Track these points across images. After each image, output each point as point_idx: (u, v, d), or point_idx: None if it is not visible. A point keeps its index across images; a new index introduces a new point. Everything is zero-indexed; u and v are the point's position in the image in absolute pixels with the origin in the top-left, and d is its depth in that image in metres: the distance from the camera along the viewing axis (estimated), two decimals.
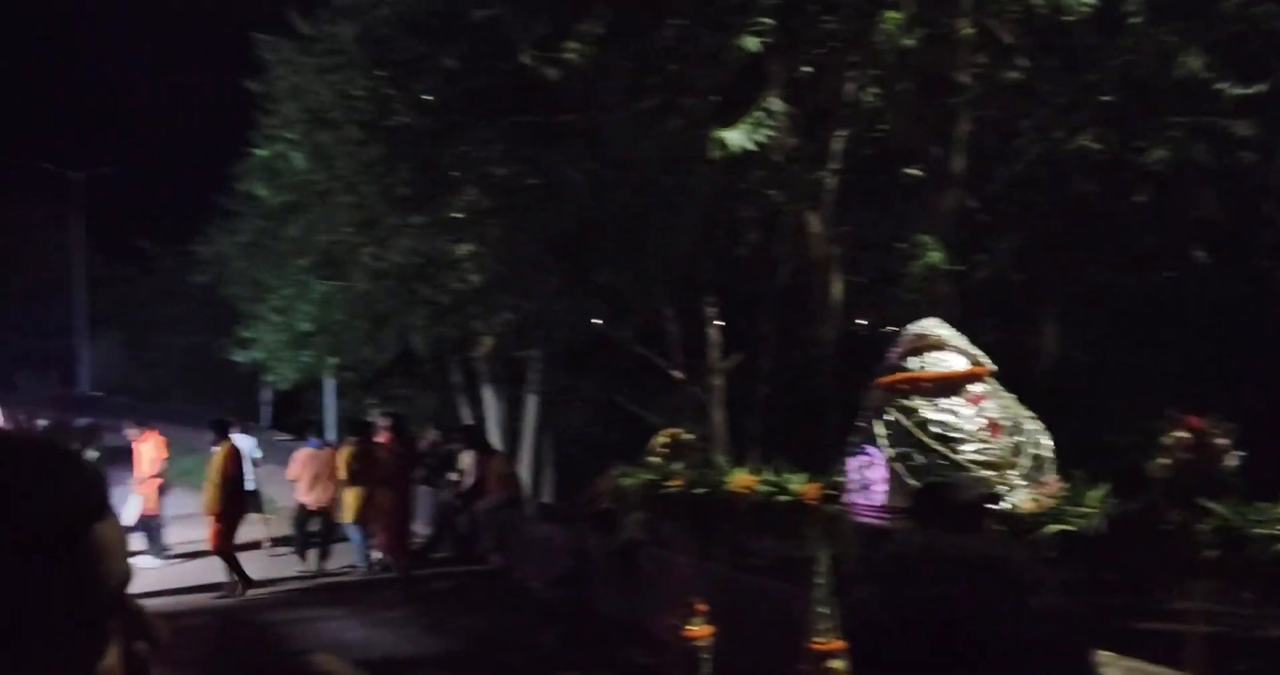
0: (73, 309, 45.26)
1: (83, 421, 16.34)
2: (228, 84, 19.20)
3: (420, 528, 15.23)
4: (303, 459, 13.42)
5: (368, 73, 15.71)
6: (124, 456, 14.58)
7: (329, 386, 26.14)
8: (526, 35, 11.63)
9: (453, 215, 14.92)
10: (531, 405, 18.71)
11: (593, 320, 15.52)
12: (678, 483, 6.66)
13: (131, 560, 0.93)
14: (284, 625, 10.51)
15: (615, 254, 12.19)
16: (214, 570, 13.14)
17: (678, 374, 14.43)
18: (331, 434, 26.32)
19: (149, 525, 13.57)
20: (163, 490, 13.97)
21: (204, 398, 38.78)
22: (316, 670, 2.72)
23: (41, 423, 14.50)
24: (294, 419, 36.31)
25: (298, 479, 13.41)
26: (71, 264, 44.80)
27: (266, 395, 37.25)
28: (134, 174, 46.25)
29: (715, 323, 13.75)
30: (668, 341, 14.74)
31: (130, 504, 13.25)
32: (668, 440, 6.93)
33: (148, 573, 12.58)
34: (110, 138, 47.78)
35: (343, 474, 12.67)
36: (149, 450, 13.79)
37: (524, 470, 18.57)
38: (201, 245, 22.53)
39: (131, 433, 13.76)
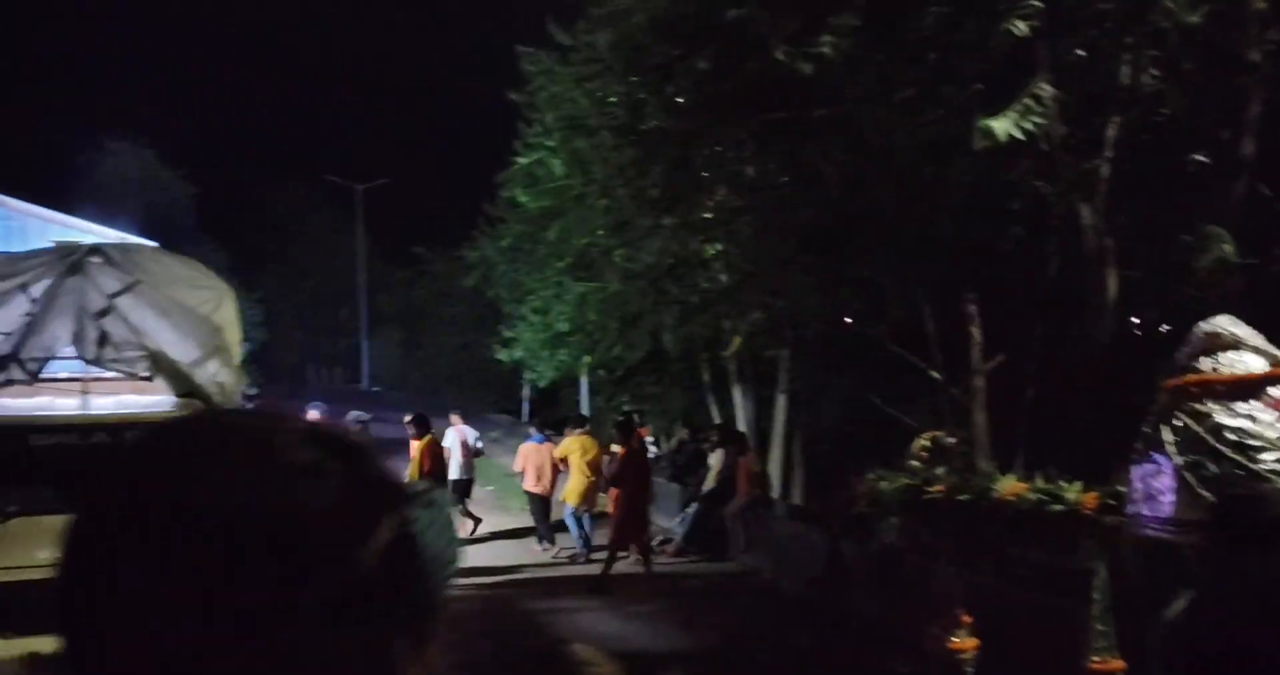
0: (356, 310, 48.74)
1: (357, 416, 17.42)
2: (495, 97, 20.11)
3: (666, 524, 15.47)
4: (524, 452, 14.09)
5: (622, 79, 16.10)
6: (401, 449, 15.51)
7: (583, 384, 27.00)
8: (778, 32, 11.55)
9: (703, 215, 15.06)
10: (781, 404, 18.56)
11: (845, 318, 15.23)
12: (939, 488, 6.42)
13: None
14: (538, 614, 10.87)
15: (871, 249, 11.88)
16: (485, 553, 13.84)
17: (936, 374, 13.93)
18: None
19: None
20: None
21: (471, 393, 40.79)
22: (576, 659, 2.68)
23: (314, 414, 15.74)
24: (551, 415, 37.87)
25: (522, 470, 14.34)
26: (355, 269, 48.27)
27: (526, 392, 38.88)
28: (410, 184, 49.18)
29: (976, 320, 13.17)
30: (926, 340, 14.28)
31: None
32: (929, 443, 6.69)
33: None
34: (389, 151, 51.00)
35: (573, 464, 13.64)
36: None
37: (773, 470, 18.46)
38: (469, 250, 23.70)
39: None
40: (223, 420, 0.87)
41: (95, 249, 8.55)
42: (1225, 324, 4.72)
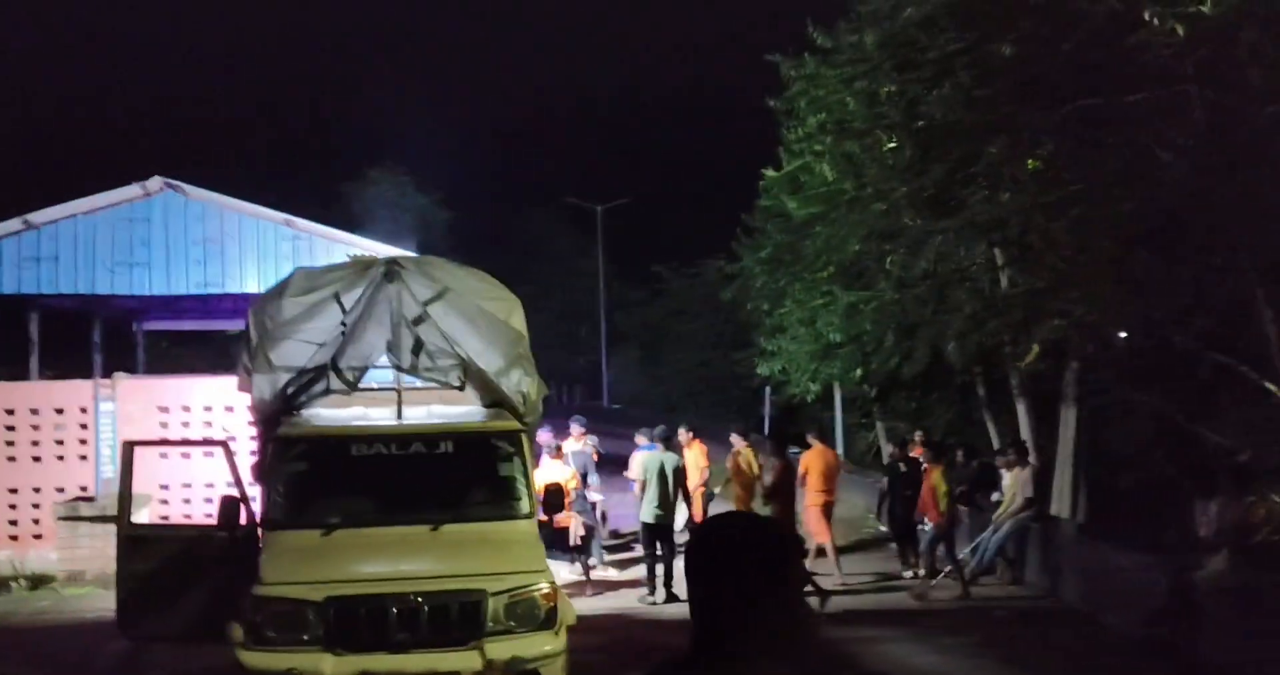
0: (596, 329, 49.51)
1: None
2: (734, 113, 19.71)
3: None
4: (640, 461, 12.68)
5: (893, 76, 15.28)
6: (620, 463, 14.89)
7: (838, 400, 26.08)
8: (1099, 9, 10.52)
9: (989, 216, 14.02)
10: (1070, 420, 17.09)
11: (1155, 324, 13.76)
12: None
13: None
14: (842, 643, 10.12)
15: (1205, 244, 10.58)
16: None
17: (1273, 386, 12.36)
18: (839, 447, 26.23)
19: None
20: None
21: (710, 409, 40.49)
22: None
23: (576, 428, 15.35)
24: (792, 430, 37.04)
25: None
26: (595, 289, 49.03)
27: (768, 408, 38.26)
28: (648, 204, 49.68)
29: None
30: (1251, 347, 12.73)
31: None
32: None
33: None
34: (628, 172, 51.77)
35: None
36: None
37: (1063, 492, 17.03)
38: (725, 263, 23.28)
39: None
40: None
41: (395, 260, 8.48)
42: None
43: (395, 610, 6.57)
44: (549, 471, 11.61)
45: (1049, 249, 11.94)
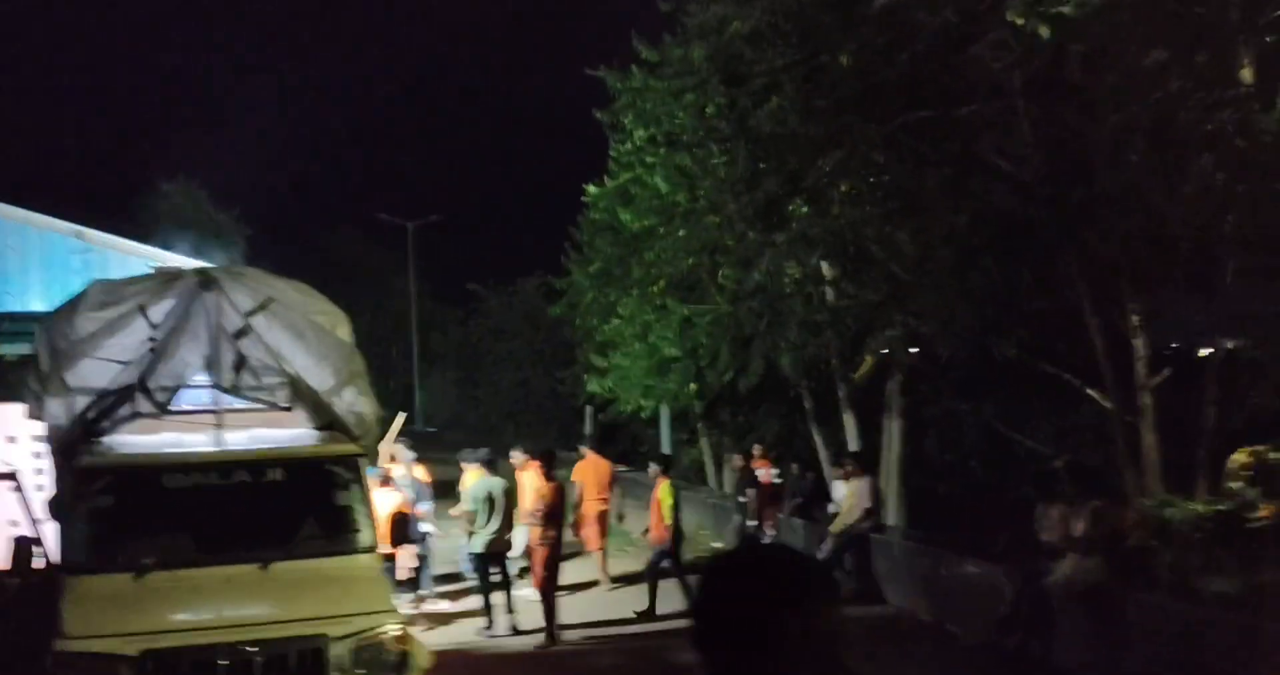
0: (409, 349, 48.12)
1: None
2: (548, 131, 19.39)
3: None
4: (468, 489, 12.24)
5: (722, 89, 15.21)
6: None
7: (664, 418, 25.88)
8: (934, 21, 10.60)
9: (822, 228, 14.04)
10: (895, 431, 17.36)
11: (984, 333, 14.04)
12: (1267, 512, 5.31)
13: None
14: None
15: (1038, 254, 10.75)
16: (594, 605, 12.75)
17: (1095, 393, 12.75)
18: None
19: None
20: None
21: (530, 430, 39.84)
22: None
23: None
24: (613, 450, 36.77)
25: None
26: (406, 309, 47.63)
27: (589, 428, 37.86)
28: (461, 221, 48.72)
29: (1140, 331, 11.97)
30: (1071, 355, 13.14)
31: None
32: (1250, 461, 5.56)
33: (530, 605, 12.28)
34: (439, 191, 50.60)
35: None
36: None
37: (890, 502, 17.26)
38: (555, 279, 22.75)
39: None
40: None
41: (205, 271, 7.63)
42: None
43: (225, 663, 5.72)
44: (383, 500, 10.78)
45: (892, 258, 11.94)
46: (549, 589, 11.07)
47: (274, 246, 43.55)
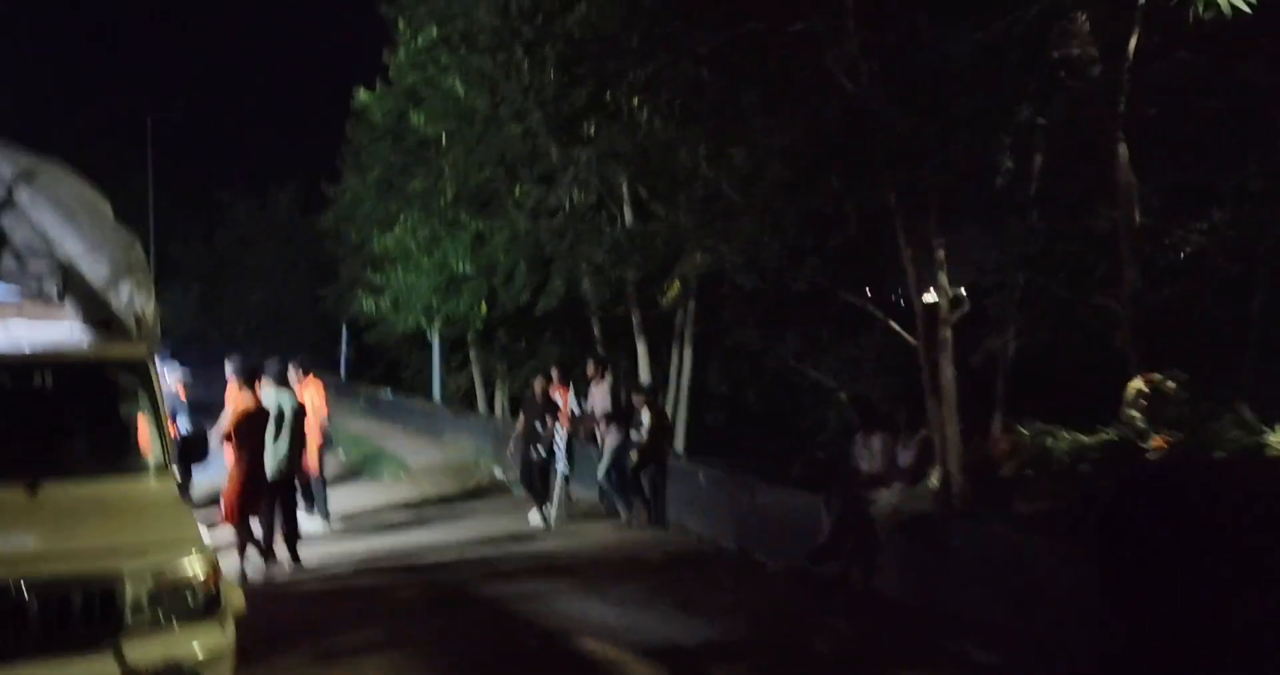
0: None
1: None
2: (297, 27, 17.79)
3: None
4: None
5: None
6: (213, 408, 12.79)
7: (435, 343, 24.81)
8: None
9: (633, 144, 13.42)
10: (686, 360, 17.18)
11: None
12: (1160, 443, 5.18)
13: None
14: (509, 601, 9.10)
15: (871, 179, 10.52)
16: (380, 535, 11.90)
17: (895, 325, 12.84)
18: (435, 389, 25.04)
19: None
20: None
21: (281, 350, 37.70)
22: (597, 659, 4.70)
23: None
24: (371, 374, 35.27)
25: None
26: (142, 214, 43.63)
27: (344, 350, 36.18)
28: (208, 120, 44.91)
29: (942, 261, 12.06)
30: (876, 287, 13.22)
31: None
32: (1145, 389, 5.41)
33: (315, 540, 11.28)
34: (183, 82, 46.28)
35: None
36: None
37: (679, 430, 17.14)
38: (331, 186, 21.02)
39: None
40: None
41: None
42: None
43: None
44: None
45: (722, 177, 11.43)
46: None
47: None
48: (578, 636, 7.86)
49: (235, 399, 10.23)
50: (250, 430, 9.79)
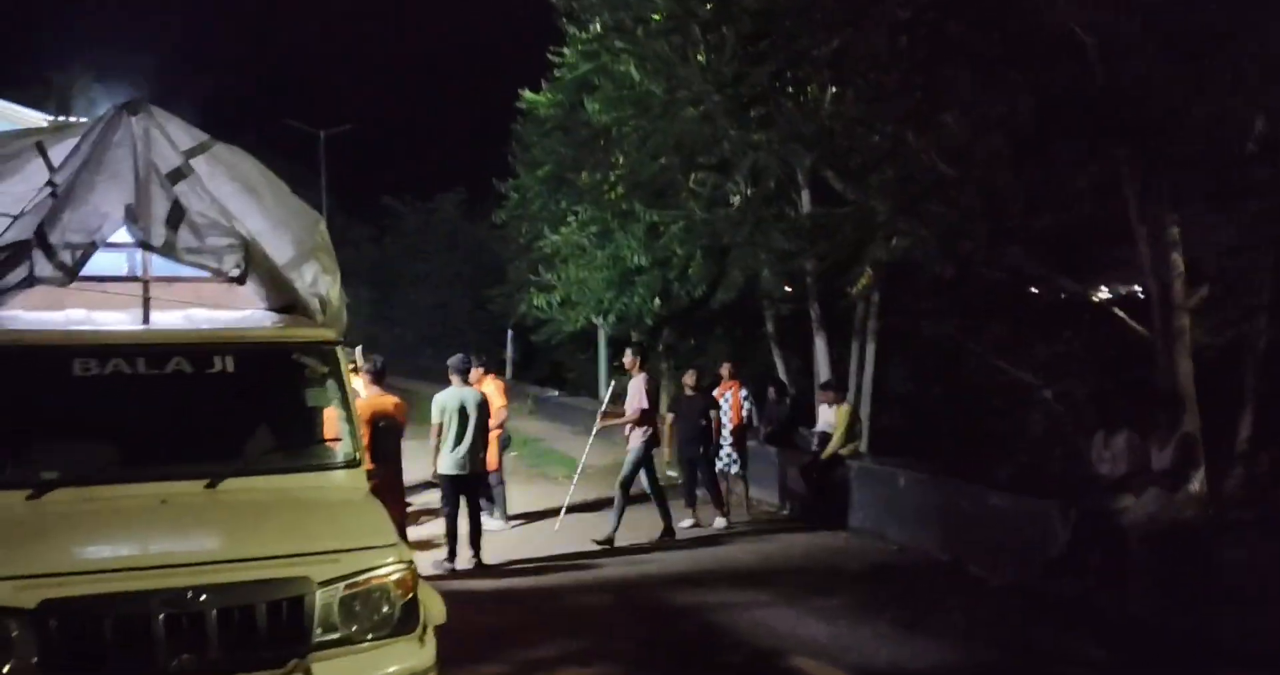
0: None
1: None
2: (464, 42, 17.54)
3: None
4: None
5: None
6: None
7: (602, 341, 24.34)
8: None
9: (813, 127, 12.53)
10: (870, 355, 16.11)
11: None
12: None
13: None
14: (709, 612, 8.35)
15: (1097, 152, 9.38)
16: (558, 535, 11.34)
17: (1121, 313, 11.59)
18: (602, 389, 24.56)
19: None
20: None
21: (450, 352, 38.04)
22: None
23: None
24: (536, 375, 35.29)
25: None
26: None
27: (510, 353, 36.33)
28: (376, 131, 45.95)
29: (1178, 243, 10.74)
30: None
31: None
32: None
33: (493, 537, 10.78)
34: (354, 98, 47.50)
35: None
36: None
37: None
38: (504, 184, 20.69)
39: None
40: None
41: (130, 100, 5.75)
42: None
43: (162, 617, 4.04)
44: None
45: (932, 149, 10.40)
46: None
47: None
48: (791, 655, 7.07)
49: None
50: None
